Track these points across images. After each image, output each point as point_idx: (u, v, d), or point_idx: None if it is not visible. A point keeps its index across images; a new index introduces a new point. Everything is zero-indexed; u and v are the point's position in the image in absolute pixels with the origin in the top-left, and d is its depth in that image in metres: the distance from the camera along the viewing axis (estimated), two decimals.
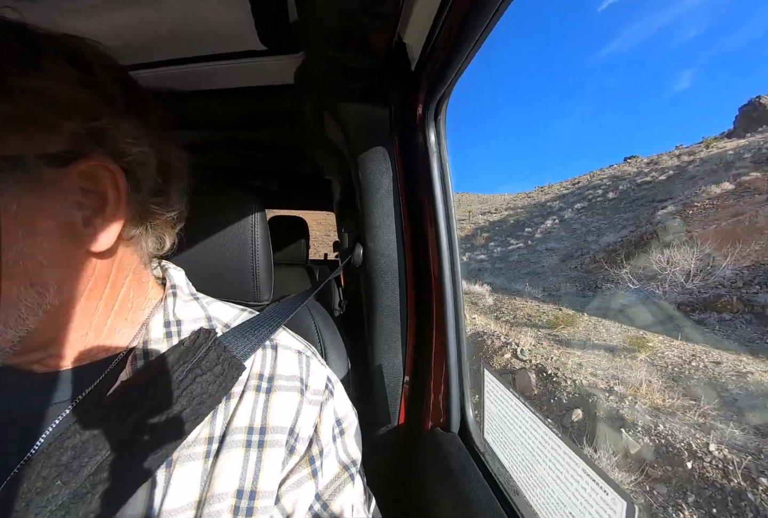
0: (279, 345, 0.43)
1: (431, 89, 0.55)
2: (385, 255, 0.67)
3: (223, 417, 0.36)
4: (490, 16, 0.37)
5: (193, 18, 0.44)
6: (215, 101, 0.74)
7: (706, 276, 6.56)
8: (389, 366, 0.69)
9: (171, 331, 0.39)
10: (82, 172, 0.30)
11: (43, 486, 0.28)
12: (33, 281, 0.29)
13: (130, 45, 0.49)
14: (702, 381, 3.17)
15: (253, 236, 0.61)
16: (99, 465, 0.30)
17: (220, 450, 0.34)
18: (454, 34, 0.43)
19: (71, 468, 0.29)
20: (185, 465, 0.32)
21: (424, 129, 0.60)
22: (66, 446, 0.30)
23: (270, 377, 0.39)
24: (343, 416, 0.44)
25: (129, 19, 0.44)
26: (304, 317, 0.69)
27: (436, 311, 0.66)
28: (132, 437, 0.31)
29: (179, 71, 0.60)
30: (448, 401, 0.64)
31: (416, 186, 0.66)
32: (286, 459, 0.36)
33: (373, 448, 0.68)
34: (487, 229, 29.25)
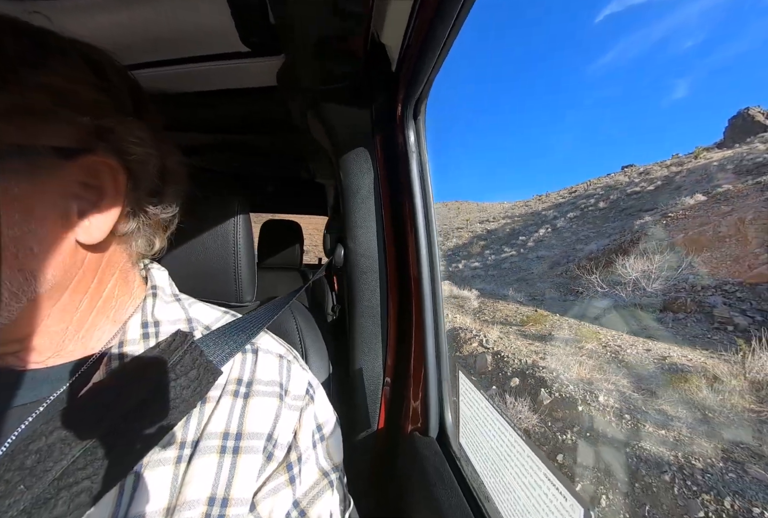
0: (260, 349, 0.42)
1: (409, 89, 0.56)
2: (366, 255, 0.67)
3: (197, 421, 0.35)
4: (456, 11, 0.38)
5: (174, 19, 0.43)
6: (203, 103, 0.74)
7: (664, 280, 7.32)
8: (369, 368, 0.69)
9: (148, 332, 0.38)
10: (85, 165, 0.31)
11: (4, 491, 0.27)
12: (22, 266, 0.29)
13: (114, 46, 0.51)
14: (627, 362, 3.91)
15: (236, 237, 0.62)
16: (64, 470, 0.29)
17: (193, 456, 0.33)
18: (423, 32, 0.43)
19: (35, 472, 0.28)
20: (155, 470, 0.32)
21: (404, 129, 0.61)
22: (30, 449, 0.29)
23: (249, 382, 0.39)
24: (323, 421, 0.43)
25: (112, 20, 0.44)
26: (287, 318, 0.69)
27: (415, 313, 0.65)
28: (101, 441, 0.30)
29: (165, 73, 0.60)
30: (426, 405, 0.64)
31: (397, 186, 0.66)
32: (264, 465, 0.36)
33: (353, 452, 0.67)
34: (484, 237, 29.79)
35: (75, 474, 0.29)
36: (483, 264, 19.59)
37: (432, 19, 0.40)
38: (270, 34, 0.46)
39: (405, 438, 0.67)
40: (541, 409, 3.00)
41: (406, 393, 0.68)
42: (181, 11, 0.41)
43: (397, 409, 0.69)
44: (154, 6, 0.41)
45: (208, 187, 0.59)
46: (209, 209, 0.61)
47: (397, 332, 0.69)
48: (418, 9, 0.40)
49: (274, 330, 0.60)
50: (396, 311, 0.68)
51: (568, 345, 4.69)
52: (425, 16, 0.41)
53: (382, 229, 0.66)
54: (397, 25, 0.44)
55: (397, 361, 0.69)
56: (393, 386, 0.69)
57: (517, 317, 6.87)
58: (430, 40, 0.43)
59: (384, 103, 0.61)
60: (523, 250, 20.32)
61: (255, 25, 0.44)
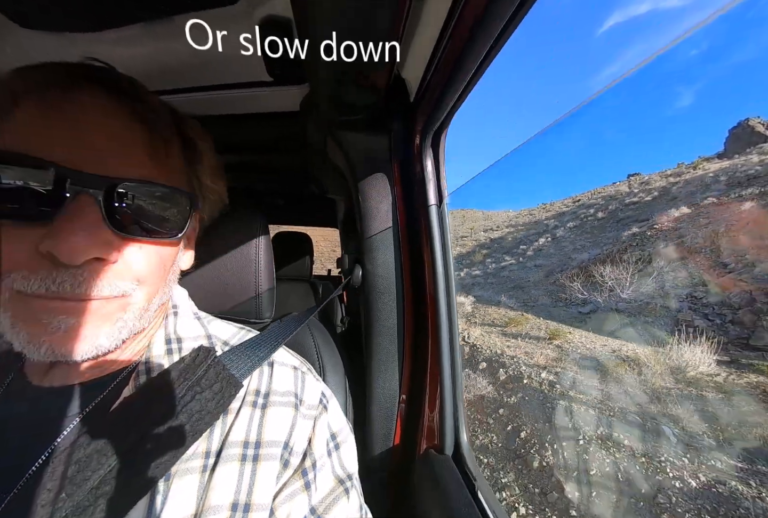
0: (275, 362, 0.45)
1: (428, 122, 0.58)
2: (383, 277, 0.68)
3: (220, 432, 0.37)
4: (481, 57, 0.39)
5: (204, 53, 0.45)
6: (227, 125, 0.78)
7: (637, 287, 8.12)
8: (385, 386, 0.70)
9: (172, 348, 0.41)
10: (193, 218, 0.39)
11: (48, 499, 0.29)
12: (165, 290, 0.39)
13: (148, 73, 0.54)
14: (581, 353, 4.74)
15: (257, 257, 0.64)
16: (102, 479, 0.31)
17: (217, 464, 0.35)
18: (447, 73, 0.45)
19: (75, 481, 0.30)
20: (183, 479, 0.33)
21: (422, 159, 0.63)
22: (72, 459, 0.31)
23: (266, 393, 0.41)
24: (337, 430, 0.45)
25: (148, 50, 0.48)
26: (305, 336, 0.70)
27: (431, 333, 0.67)
28: (133, 451, 0.33)
29: (194, 98, 0.63)
30: (442, 423, 0.64)
31: (414, 212, 0.68)
32: (281, 472, 0.37)
33: (369, 468, 0.68)
34: (488, 246, 30.20)
35: (111, 482, 0.31)
36: (483, 273, 20.34)
37: (457, 61, 0.41)
38: (295, 65, 0.48)
39: (420, 456, 0.67)
40: (496, 382, 3.89)
41: (421, 410, 0.69)
42: None
43: (412, 427, 0.70)
44: (182, 40, 0.43)
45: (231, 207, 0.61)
46: (232, 229, 0.63)
47: (413, 351, 0.70)
48: (445, 48, 0.42)
49: (294, 346, 0.63)
50: (412, 331, 0.70)
51: (539, 341, 5.54)
52: (449, 58, 0.43)
53: (400, 251, 0.68)
54: (419, 61, 0.47)
55: (413, 379, 0.70)
56: (408, 404, 0.70)
57: (503, 320, 7.72)
58: (453, 78, 0.45)
59: (402, 132, 0.63)
60: (522, 258, 21.00)
61: (282, 58, 0.45)
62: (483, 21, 0.36)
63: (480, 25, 0.36)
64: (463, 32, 0.39)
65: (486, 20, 0.36)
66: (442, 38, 0.41)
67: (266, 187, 1.62)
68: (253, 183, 1.51)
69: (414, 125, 0.62)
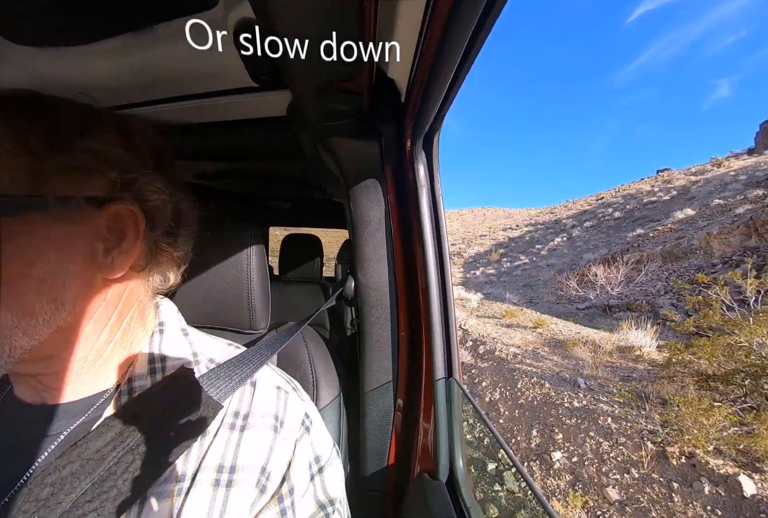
0: (258, 381, 0.44)
1: (416, 124, 0.55)
2: (376, 289, 0.66)
3: (196, 454, 0.36)
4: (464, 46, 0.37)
5: (188, 59, 0.46)
6: (222, 132, 0.76)
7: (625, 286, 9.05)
8: (378, 403, 0.67)
9: (155, 367, 0.40)
10: (111, 212, 0.35)
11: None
12: (54, 297, 0.33)
13: (134, 85, 0.54)
14: (555, 338, 5.88)
15: (249, 268, 0.63)
16: (74, 503, 0.31)
17: (191, 488, 0.34)
18: (427, 67, 0.43)
19: (48, 504, 0.30)
20: (157, 503, 0.33)
21: (413, 162, 0.61)
22: (46, 482, 0.31)
23: (246, 414, 0.40)
24: (321, 453, 0.44)
25: (131, 62, 0.48)
26: (299, 346, 0.69)
27: (425, 349, 0.64)
28: (108, 474, 0.32)
29: (183, 106, 0.62)
30: (436, 446, 0.61)
31: (408, 219, 0.65)
32: (257, 498, 0.36)
33: (365, 487, 0.67)
34: (505, 245, 30.57)
35: (83, 506, 0.31)
36: (497, 272, 21.04)
37: (437, 53, 0.39)
38: (276, 70, 0.47)
39: (413, 479, 0.65)
40: (476, 355, 5.10)
41: (416, 432, 0.66)
42: (194, 53, 0.43)
43: (407, 447, 0.68)
44: (167, 48, 0.44)
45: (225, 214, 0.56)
46: (224, 240, 0.63)
47: (408, 368, 0.67)
48: (424, 43, 0.40)
49: (287, 358, 0.64)
50: (407, 346, 0.67)
51: (525, 329, 6.72)
52: (430, 51, 0.40)
53: (393, 262, 0.66)
54: (403, 60, 0.44)
55: (408, 398, 0.67)
56: (403, 423, 0.68)
57: (501, 313, 8.89)
58: (435, 75, 0.42)
59: (392, 136, 0.61)
60: (535, 258, 21.57)
61: (261, 64, 0.45)
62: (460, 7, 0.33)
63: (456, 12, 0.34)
64: (440, 22, 0.35)
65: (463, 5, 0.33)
66: (422, 31, 0.38)
67: (271, 192, 1.60)
68: (256, 188, 1.51)
69: (404, 128, 0.59)
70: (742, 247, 9.66)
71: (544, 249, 23.33)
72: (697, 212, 13.42)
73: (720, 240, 10.32)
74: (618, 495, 2.14)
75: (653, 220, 18.87)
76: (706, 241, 10.72)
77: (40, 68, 0.49)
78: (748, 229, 9.85)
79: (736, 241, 9.97)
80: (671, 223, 13.42)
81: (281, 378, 0.48)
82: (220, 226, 0.63)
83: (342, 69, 0.41)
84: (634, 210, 23.65)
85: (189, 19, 0.38)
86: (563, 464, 2.53)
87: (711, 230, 10.85)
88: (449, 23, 0.35)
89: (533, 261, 20.87)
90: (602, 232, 22.49)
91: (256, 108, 0.65)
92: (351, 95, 0.49)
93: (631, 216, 22.63)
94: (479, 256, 29.46)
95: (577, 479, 2.37)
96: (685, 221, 13.05)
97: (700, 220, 12.36)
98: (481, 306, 10.31)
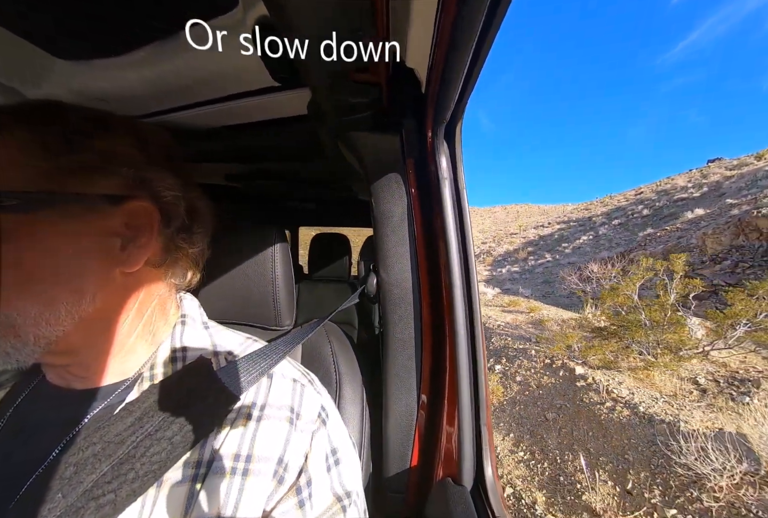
0: (275, 373, 0.45)
1: (437, 113, 0.55)
2: (399, 286, 0.66)
3: (213, 443, 0.37)
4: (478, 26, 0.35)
5: (210, 64, 0.47)
6: (249, 134, 0.78)
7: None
8: (402, 403, 0.67)
9: (176, 357, 0.43)
10: (126, 209, 0.38)
11: (46, 497, 0.32)
12: (74, 288, 0.35)
13: (159, 93, 0.56)
14: (534, 317, 7.82)
15: (273, 266, 0.65)
16: (95, 482, 0.33)
17: (207, 475, 0.35)
18: (443, 53, 0.42)
19: (71, 482, 0.32)
20: (173, 487, 0.35)
21: (435, 154, 0.60)
22: (70, 461, 0.34)
23: (262, 405, 0.41)
24: (338, 446, 0.44)
25: (155, 72, 0.50)
26: (322, 343, 0.70)
27: (449, 349, 0.62)
28: (127, 457, 0.34)
29: (207, 110, 0.63)
30: (460, 449, 0.59)
31: (431, 214, 0.65)
32: (275, 489, 0.37)
33: (385, 487, 0.67)
34: (535, 244, 30.74)
35: (103, 486, 0.32)
36: (521, 269, 21.97)
37: (452, 37, 0.38)
38: (293, 69, 0.47)
39: (436, 483, 0.63)
40: None
41: (439, 433, 0.64)
42: (217, 56, 0.44)
43: (430, 448, 0.66)
44: (190, 55, 0.45)
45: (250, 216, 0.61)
46: (249, 240, 0.65)
47: (432, 367, 0.66)
48: (438, 27, 0.38)
49: (310, 354, 0.66)
50: (431, 345, 0.66)
51: (519, 313, 8.69)
52: (444, 36, 0.39)
53: (416, 258, 0.65)
54: (420, 48, 0.43)
55: (432, 398, 0.66)
56: (427, 423, 0.67)
57: (507, 302, 10.84)
58: (452, 60, 0.41)
59: (413, 128, 0.60)
60: (559, 256, 22.30)
61: (279, 62, 0.46)
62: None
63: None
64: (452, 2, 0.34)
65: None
66: (437, 15, 0.36)
67: (299, 192, 1.61)
68: (282, 190, 1.52)
69: (425, 119, 0.57)
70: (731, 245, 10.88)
71: (569, 247, 23.93)
72: (706, 213, 14.28)
73: (713, 239, 11.54)
74: (520, 378, 4.29)
75: (677, 218, 19.12)
76: (702, 240, 11.93)
77: (75, 81, 0.52)
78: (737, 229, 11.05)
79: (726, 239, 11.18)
80: (680, 223, 14.39)
81: (297, 371, 0.49)
82: (245, 226, 0.67)
83: (357, 61, 0.41)
84: (662, 207, 23.48)
85: (210, 24, 0.39)
86: (499, 370, 4.64)
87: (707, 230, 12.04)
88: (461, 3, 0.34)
89: (556, 259, 21.70)
90: (628, 230, 22.68)
91: (280, 107, 0.65)
92: (368, 87, 0.50)
93: (659, 213, 22.47)
94: (508, 254, 29.92)
95: (504, 375, 4.52)
96: (692, 221, 14.02)
97: (704, 220, 13.34)
98: (494, 299, 12.23)
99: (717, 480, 2.06)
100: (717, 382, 3.88)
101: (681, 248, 12.01)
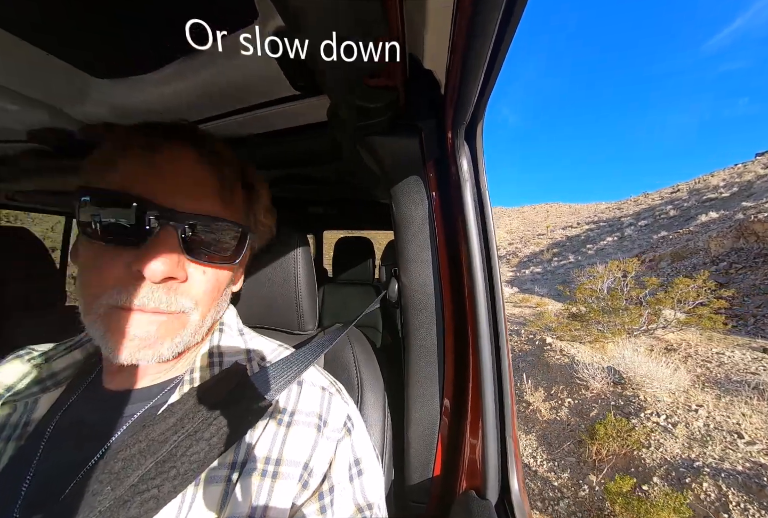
0: (304, 381, 0.47)
1: (457, 115, 0.53)
2: (420, 291, 0.65)
3: (246, 444, 0.39)
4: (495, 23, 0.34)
5: (234, 76, 0.49)
6: (271, 142, 0.80)
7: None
8: (424, 411, 0.65)
9: (213, 361, 0.46)
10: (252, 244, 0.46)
11: (97, 489, 0.34)
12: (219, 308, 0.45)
13: (189, 105, 0.59)
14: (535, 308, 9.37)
15: (296, 271, 0.67)
16: (141, 477, 0.35)
17: (240, 476, 0.37)
18: (460, 52, 0.41)
19: (119, 477, 0.34)
20: (210, 486, 0.36)
21: (456, 156, 0.58)
22: (119, 457, 0.36)
23: (292, 411, 0.43)
24: (361, 456, 0.45)
25: (186, 86, 0.52)
26: (345, 350, 0.70)
27: (472, 356, 0.60)
28: (169, 456, 0.36)
29: (233, 120, 0.66)
30: (484, 461, 0.56)
31: (452, 217, 0.63)
32: (300, 493, 0.39)
33: (407, 496, 0.66)
34: (561, 245, 31.21)
35: (147, 482, 0.34)
36: (543, 270, 22.82)
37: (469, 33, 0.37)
38: (313, 75, 0.48)
39: (459, 495, 0.60)
40: None
41: (463, 443, 0.62)
42: (239, 68, 0.46)
43: (453, 459, 0.64)
44: (216, 68, 0.47)
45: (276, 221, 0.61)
46: (273, 245, 0.65)
47: (455, 375, 0.65)
48: (455, 26, 0.38)
49: (333, 361, 0.67)
50: (453, 352, 0.65)
51: (527, 307, 10.27)
52: (461, 33, 0.38)
53: (438, 263, 0.64)
54: (437, 49, 0.43)
55: (455, 406, 0.64)
56: (450, 432, 0.65)
57: (520, 299, 12.38)
58: (470, 57, 0.40)
59: (432, 130, 0.59)
60: (581, 257, 22.79)
61: (297, 71, 0.47)
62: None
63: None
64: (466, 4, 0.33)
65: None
66: (454, 13, 0.35)
67: (322, 197, 1.65)
68: (304, 195, 1.55)
69: (445, 120, 0.56)
70: (732, 248, 11.84)
71: (593, 248, 24.29)
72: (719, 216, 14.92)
73: (717, 242, 12.48)
74: None
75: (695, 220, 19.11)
76: (707, 243, 12.88)
77: (115, 98, 0.54)
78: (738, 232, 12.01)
79: (728, 242, 12.15)
80: (693, 226, 15.13)
81: (326, 379, 0.50)
82: None
83: (373, 65, 0.40)
84: (690, 208, 23.20)
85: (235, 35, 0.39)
86: None
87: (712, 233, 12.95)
88: None
89: (578, 260, 22.20)
90: (653, 231, 22.47)
91: (301, 115, 0.67)
92: (386, 91, 0.49)
93: (686, 215, 22.20)
94: (533, 255, 30.52)
95: None
96: (704, 224, 14.73)
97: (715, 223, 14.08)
98: (510, 297, 13.73)
99: (595, 384, 3.84)
100: (650, 350, 5.47)
101: (689, 250, 12.94)
